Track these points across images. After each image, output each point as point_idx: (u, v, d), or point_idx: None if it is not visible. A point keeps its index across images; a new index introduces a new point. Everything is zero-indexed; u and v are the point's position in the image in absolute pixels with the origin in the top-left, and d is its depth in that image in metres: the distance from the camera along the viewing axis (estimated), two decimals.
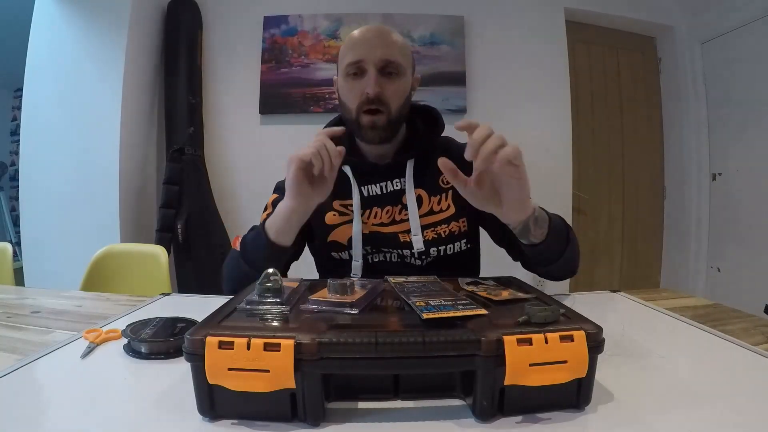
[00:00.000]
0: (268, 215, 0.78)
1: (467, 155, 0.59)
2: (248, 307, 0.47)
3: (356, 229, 0.83)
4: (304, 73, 2.39)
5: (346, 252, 0.85)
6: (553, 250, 0.73)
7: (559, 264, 0.75)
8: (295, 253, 0.89)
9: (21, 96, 2.17)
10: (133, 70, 2.16)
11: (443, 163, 0.62)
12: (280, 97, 2.39)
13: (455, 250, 0.85)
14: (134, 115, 2.21)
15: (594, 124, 2.69)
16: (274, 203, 0.82)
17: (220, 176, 2.38)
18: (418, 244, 0.82)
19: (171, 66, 2.32)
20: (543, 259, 0.74)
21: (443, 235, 0.84)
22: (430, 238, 0.83)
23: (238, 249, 0.77)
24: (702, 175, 2.60)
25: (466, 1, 2.45)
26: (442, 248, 0.84)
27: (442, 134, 0.91)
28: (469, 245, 0.87)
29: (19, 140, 2.18)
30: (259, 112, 2.41)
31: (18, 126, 2.52)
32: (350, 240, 0.84)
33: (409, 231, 0.84)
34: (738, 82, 2.36)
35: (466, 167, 0.63)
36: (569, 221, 2.52)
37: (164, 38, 2.37)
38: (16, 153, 3.10)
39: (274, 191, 0.91)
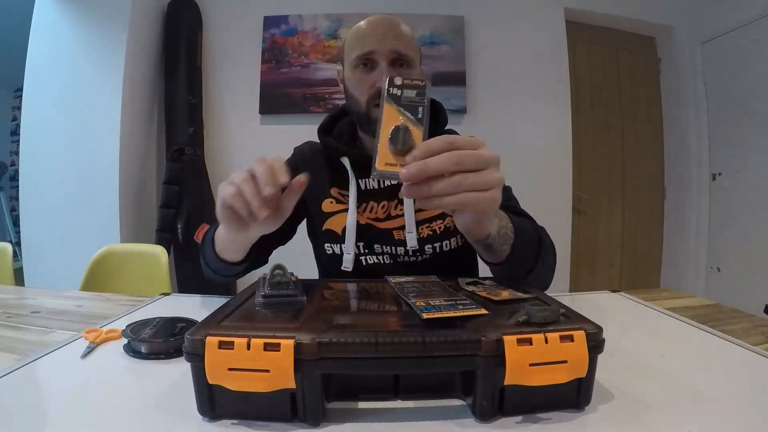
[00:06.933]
0: None
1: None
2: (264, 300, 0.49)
3: (350, 220, 0.82)
4: (304, 73, 2.39)
5: (339, 245, 0.84)
6: (516, 271, 0.63)
7: (529, 280, 0.64)
8: (278, 239, 0.84)
9: (21, 96, 2.17)
10: (133, 70, 2.16)
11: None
12: (280, 97, 2.39)
13: (451, 247, 0.84)
14: (134, 115, 2.21)
15: (594, 124, 2.68)
16: None
17: (220, 176, 2.38)
18: (411, 242, 0.81)
19: (171, 66, 2.32)
20: (505, 277, 0.64)
21: (438, 231, 0.83)
22: (425, 235, 0.82)
23: (200, 242, 0.73)
24: (702, 175, 2.60)
25: (466, 1, 2.45)
26: (437, 245, 0.83)
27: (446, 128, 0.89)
28: (464, 239, 0.84)
29: (19, 140, 2.18)
30: (259, 112, 2.40)
31: (18, 126, 2.52)
32: (344, 230, 0.82)
33: (403, 227, 0.82)
34: (738, 82, 2.36)
35: None
36: (569, 221, 2.53)
37: (164, 38, 2.37)
38: (16, 153, 3.10)
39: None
